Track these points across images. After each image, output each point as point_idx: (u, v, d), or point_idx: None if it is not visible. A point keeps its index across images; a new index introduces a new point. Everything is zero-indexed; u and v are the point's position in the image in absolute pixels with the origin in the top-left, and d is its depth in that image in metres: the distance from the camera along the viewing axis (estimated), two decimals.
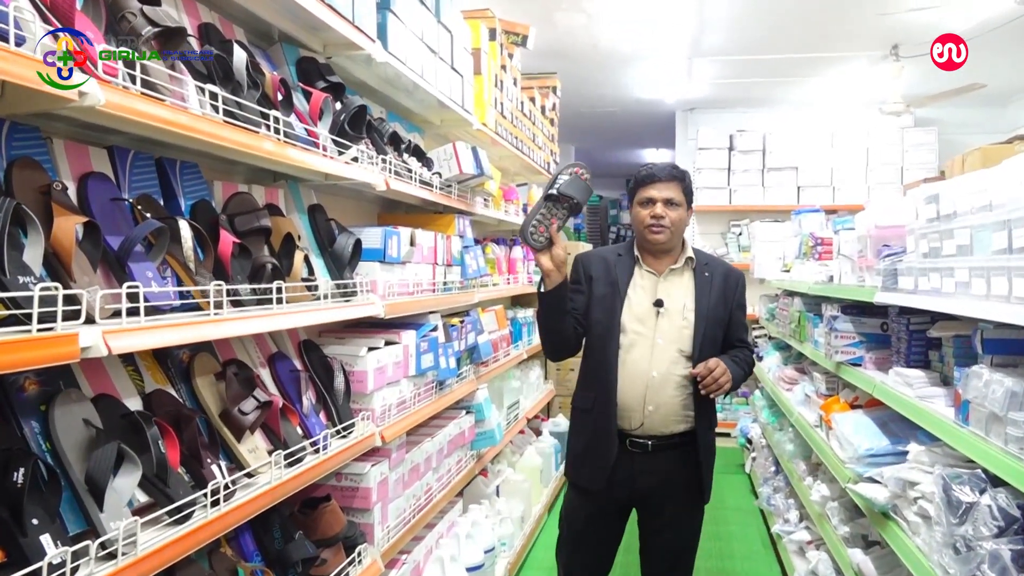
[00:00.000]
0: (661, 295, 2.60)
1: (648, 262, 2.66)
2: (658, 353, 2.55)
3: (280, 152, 1.93)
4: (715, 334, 2.61)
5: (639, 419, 2.56)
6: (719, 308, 2.62)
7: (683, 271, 2.66)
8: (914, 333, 2.68)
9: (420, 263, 2.97)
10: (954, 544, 1.75)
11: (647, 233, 2.59)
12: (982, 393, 1.84)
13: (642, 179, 2.63)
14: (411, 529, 2.85)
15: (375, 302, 2.51)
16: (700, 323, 2.57)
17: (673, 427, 2.57)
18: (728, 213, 7.86)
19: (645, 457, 2.58)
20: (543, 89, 5.80)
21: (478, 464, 3.81)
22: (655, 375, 2.54)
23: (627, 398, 2.55)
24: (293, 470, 1.98)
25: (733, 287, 2.69)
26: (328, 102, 2.27)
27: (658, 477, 2.60)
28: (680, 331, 2.57)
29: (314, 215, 2.46)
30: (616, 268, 2.66)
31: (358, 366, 2.49)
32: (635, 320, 2.58)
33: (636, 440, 2.58)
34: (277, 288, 1.91)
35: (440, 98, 3.14)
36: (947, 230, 2.17)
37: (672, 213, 2.57)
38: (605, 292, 2.63)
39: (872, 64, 6.25)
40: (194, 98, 1.69)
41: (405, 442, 2.84)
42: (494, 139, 4.12)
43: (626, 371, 2.55)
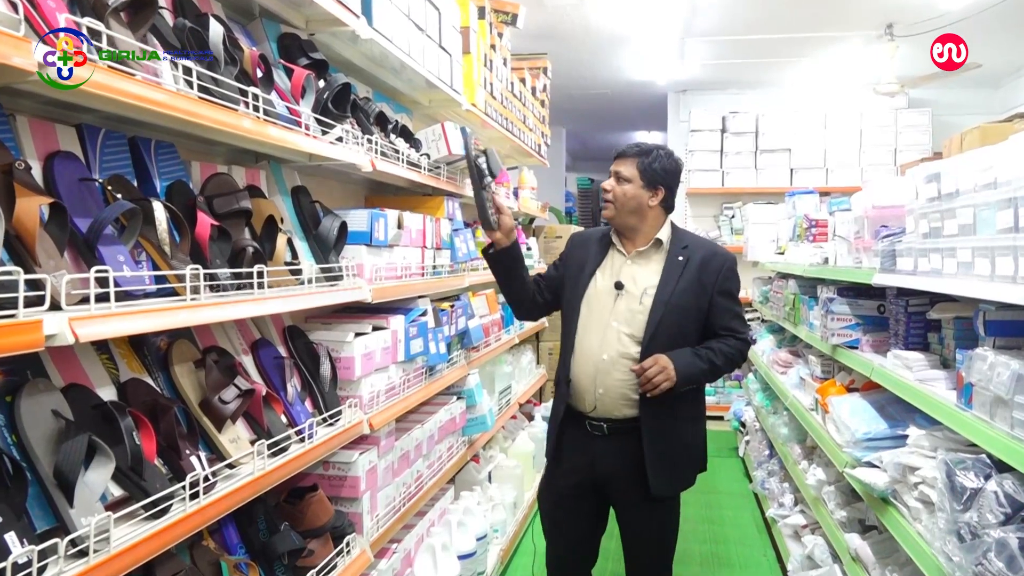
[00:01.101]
0: (624, 277, 2.55)
1: (622, 243, 2.62)
2: (611, 336, 2.50)
3: (260, 131, 1.86)
4: (679, 321, 2.50)
5: (592, 401, 2.53)
6: (688, 295, 2.51)
7: (652, 253, 2.59)
8: (913, 315, 2.63)
9: (408, 246, 2.90)
10: (958, 531, 1.70)
11: None
12: (986, 376, 1.78)
13: (613, 158, 2.64)
14: (401, 518, 2.80)
15: (362, 286, 2.44)
16: (657, 309, 2.48)
17: (624, 411, 2.51)
18: (721, 196, 7.80)
19: (604, 441, 2.55)
20: (534, 70, 5.70)
21: (470, 450, 3.76)
22: (605, 358, 2.49)
23: (580, 379, 2.54)
24: (277, 460, 1.92)
25: (715, 272, 2.55)
26: (311, 79, 2.19)
27: (615, 463, 2.55)
28: (635, 315, 2.50)
29: (298, 197, 2.39)
30: (591, 248, 2.65)
31: (345, 352, 2.43)
32: (596, 301, 2.55)
33: (593, 422, 2.55)
34: (258, 272, 1.84)
35: (428, 77, 3.05)
36: (949, 209, 2.11)
37: (618, 188, 2.54)
38: (576, 271, 2.63)
39: (866, 44, 6.18)
40: (168, 74, 1.61)
41: (394, 429, 2.78)
42: (484, 120, 4.03)
43: (581, 352, 2.54)
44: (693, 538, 4.35)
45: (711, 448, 2.69)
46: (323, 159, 2.34)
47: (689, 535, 4.39)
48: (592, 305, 2.55)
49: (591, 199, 12.74)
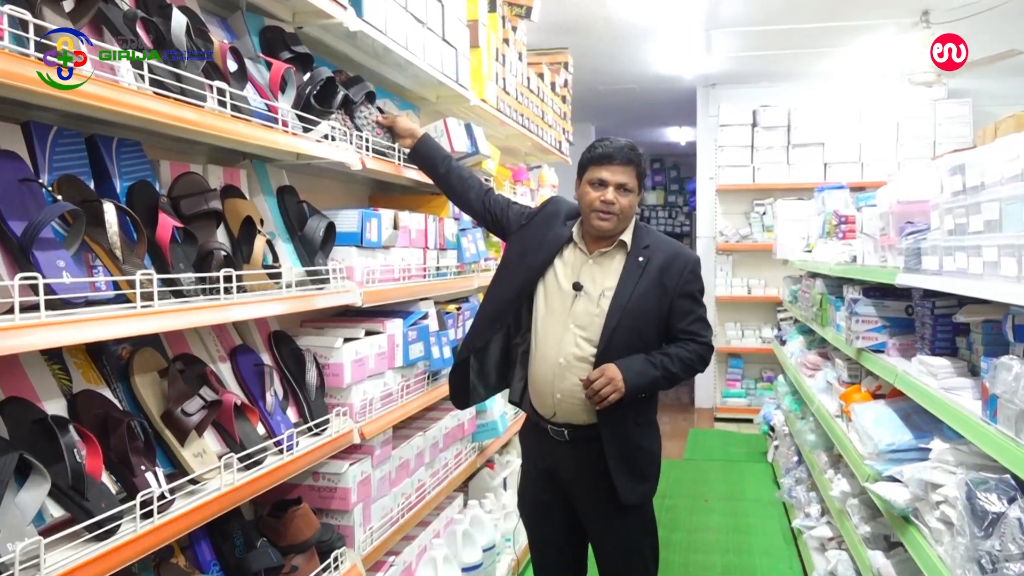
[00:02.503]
0: (583, 278, 2.41)
1: (587, 241, 2.47)
2: (568, 339, 2.39)
3: (227, 128, 1.76)
4: (637, 325, 2.37)
5: (551, 406, 2.43)
6: (648, 298, 2.38)
7: (614, 254, 2.45)
8: (939, 318, 2.46)
9: (408, 247, 2.79)
10: (979, 560, 1.55)
11: (593, 218, 2.38)
12: (1011, 387, 1.62)
13: (598, 157, 2.40)
14: (400, 529, 2.70)
15: (351, 289, 2.34)
16: (615, 312, 2.36)
17: (583, 417, 2.40)
18: (752, 192, 7.59)
19: (566, 447, 2.44)
20: (553, 65, 5.57)
21: (480, 456, 3.64)
22: (561, 361, 2.38)
23: (539, 383, 2.44)
24: (249, 474, 1.82)
25: (677, 273, 2.42)
26: (291, 73, 2.09)
27: (578, 470, 2.45)
28: (592, 318, 2.38)
29: (283, 197, 2.29)
30: (551, 232, 2.49)
31: (333, 358, 2.33)
32: (553, 300, 2.43)
33: (555, 428, 2.45)
34: (226, 277, 1.75)
35: (428, 71, 2.94)
36: (974, 204, 1.94)
37: (623, 200, 2.37)
38: (528, 252, 2.49)
39: (901, 32, 5.93)
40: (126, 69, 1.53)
41: (391, 437, 2.68)
42: (496, 116, 3.92)
43: (539, 354, 2.44)
44: (716, 549, 4.19)
45: (739, 452, 2.56)
46: (310, 157, 2.25)
47: (712, 545, 4.22)
48: (549, 304, 2.44)
49: None
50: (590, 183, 2.40)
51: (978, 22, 5.37)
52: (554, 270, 2.45)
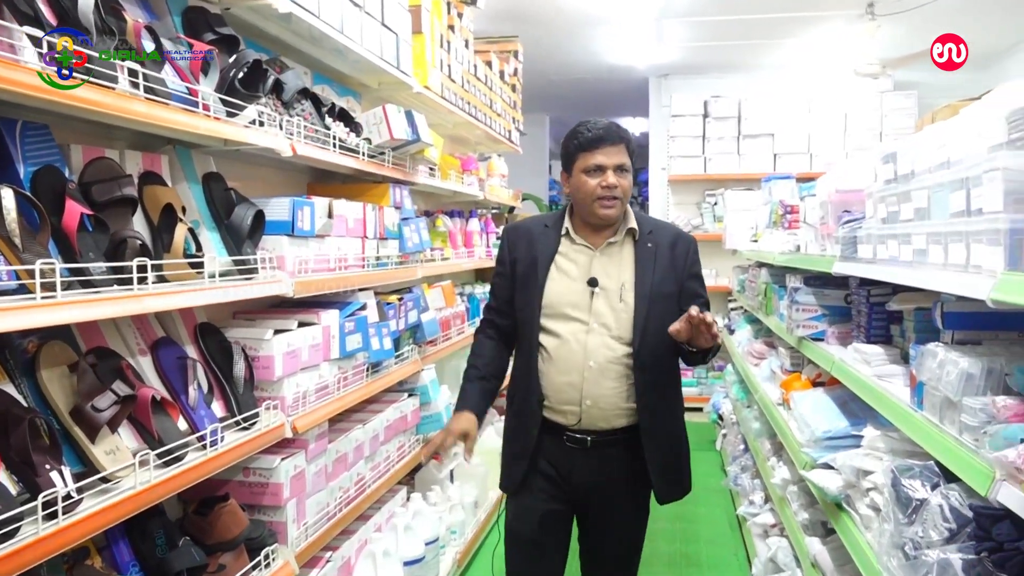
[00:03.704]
0: (596, 272, 2.27)
1: (583, 234, 2.33)
2: (595, 340, 2.24)
3: (142, 111, 1.69)
4: (663, 312, 2.23)
5: (575, 414, 2.27)
6: (667, 283, 2.30)
7: (623, 244, 2.33)
8: (874, 306, 2.47)
9: (345, 236, 2.73)
10: (903, 546, 1.55)
11: (598, 207, 2.24)
12: (936, 375, 1.63)
13: (588, 142, 2.25)
14: (337, 524, 2.64)
15: (282, 280, 2.27)
16: (642, 304, 2.24)
17: (614, 422, 2.28)
18: (703, 182, 7.63)
19: (583, 453, 2.30)
20: (503, 54, 5.52)
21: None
22: (592, 365, 2.23)
23: (562, 392, 2.27)
24: (168, 471, 1.76)
25: (683, 255, 2.35)
26: (213, 55, 2.01)
27: (599, 475, 2.32)
28: (618, 315, 2.25)
29: (209, 184, 2.22)
30: (539, 243, 2.35)
31: (263, 350, 2.26)
32: (567, 303, 2.27)
33: (575, 436, 2.30)
34: (140, 266, 1.67)
35: (366, 56, 2.88)
36: (904, 192, 1.95)
37: (624, 181, 2.25)
38: (527, 272, 2.34)
39: (848, 24, 5.99)
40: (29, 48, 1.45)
41: (327, 431, 2.62)
42: (441, 104, 3.86)
43: (559, 361, 2.26)
44: (662, 537, 4.20)
45: (691, 440, 2.53)
46: (238, 143, 2.18)
47: (659, 534, 4.23)
48: (560, 307, 2.27)
49: None
50: (585, 171, 2.25)
51: (922, 14, 5.44)
52: (558, 269, 2.31)
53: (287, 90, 2.38)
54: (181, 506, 2.23)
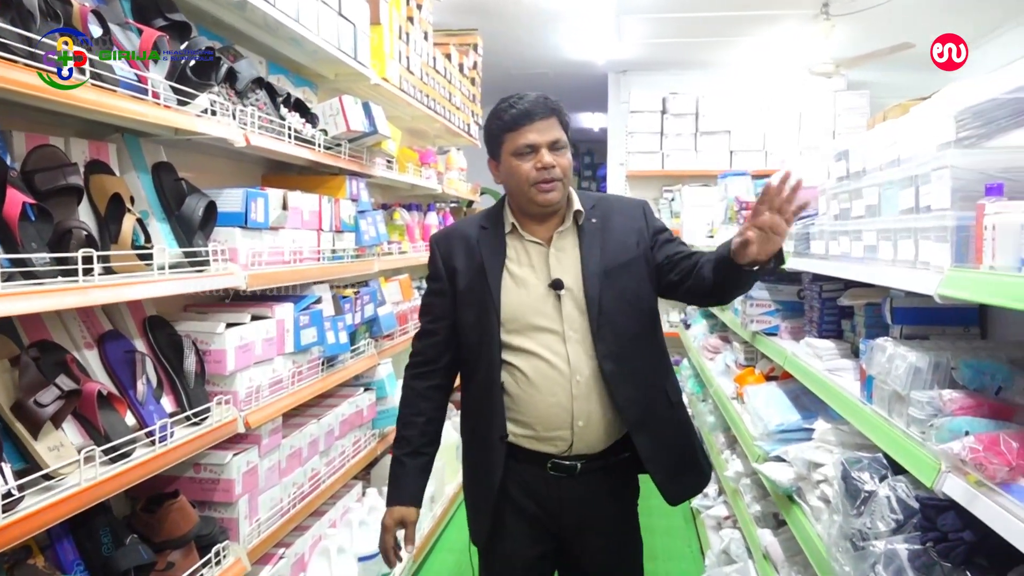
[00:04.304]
0: (557, 271, 1.97)
1: (529, 229, 2.01)
2: (575, 350, 1.94)
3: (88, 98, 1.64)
4: (623, 281, 1.96)
5: (566, 439, 1.96)
6: (621, 256, 1.98)
7: (570, 231, 2.02)
8: (826, 301, 2.51)
9: (300, 229, 2.69)
10: (852, 537, 1.58)
11: (536, 193, 1.92)
12: (885, 368, 1.66)
13: (514, 120, 1.93)
14: (291, 520, 2.61)
15: (234, 272, 2.23)
16: (592, 290, 1.94)
17: (613, 437, 2.00)
18: (661, 178, 7.68)
19: (571, 481, 2.00)
20: (462, 47, 5.50)
21: (382, 443, 3.57)
22: (579, 379, 1.93)
23: (550, 417, 1.95)
24: (114, 468, 1.71)
25: (635, 218, 2.06)
26: (163, 41, 1.96)
27: (590, 503, 2.03)
28: (586, 319, 1.95)
29: (159, 174, 2.17)
30: (480, 247, 2.02)
31: (215, 344, 2.22)
32: (532, 313, 1.95)
33: (564, 463, 1.99)
34: (86, 258, 1.63)
35: (323, 46, 2.84)
36: (856, 189, 1.99)
37: (561, 159, 1.94)
38: (472, 285, 2.00)
39: (803, 24, 6.08)
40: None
41: (280, 426, 2.59)
42: (399, 96, 3.83)
43: (542, 381, 1.94)
44: None
45: None
46: (189, 133, 2.13)
47: None
48: (526, 318, 1.95)
49: None
50: (516, 154, 1.94)
51: (875, 15, 5.55)
52: (512, 275, 1.98)
53: (241, 79, 2.34)
54: (129, 503, 2.18)
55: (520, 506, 2.04)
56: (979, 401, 1.38)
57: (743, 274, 1.79)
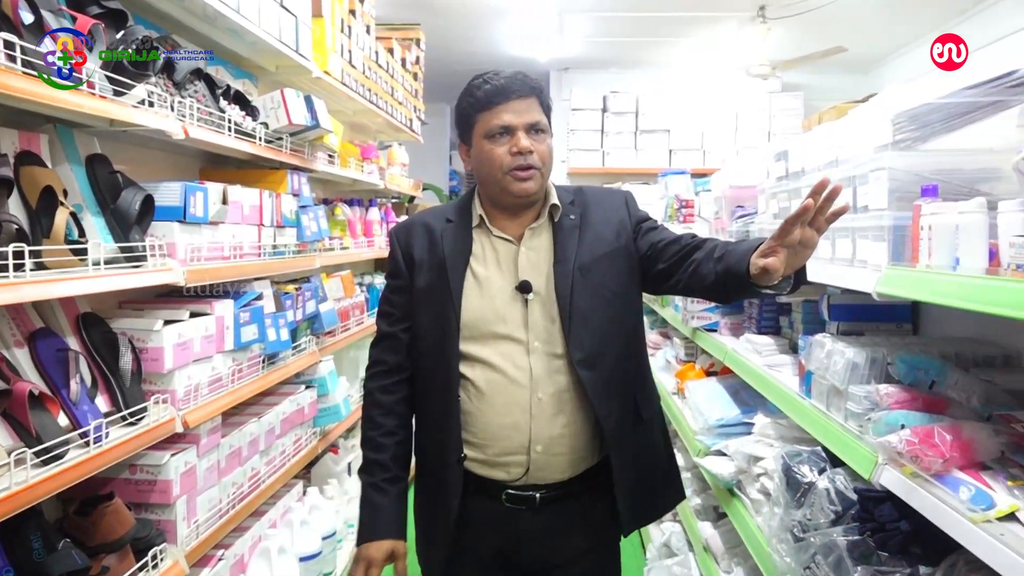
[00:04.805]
0: (526, 272, 1.75)
1: (499, 224, 1.80)
2: (540, 363, 1.71)
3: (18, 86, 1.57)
4: (598, 279, 1.74)
5: (521, 465, 1.73)
6: (599, 253, 1.76)
7: (544, 228, 1.81)
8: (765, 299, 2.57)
9: (240, 224, 2.64)
10: (792, 529, 1.62)
11: (510, 182, 1.71)
12: (824, 364, 1.70)
13: (488, 97, 1.70)
14: (231, 520, 2.56)
15: (173, 268, 2.17)
16: (563, 295, 1.71)
17: (579, 466, 1.76)
18: (602, 176, 7.74)
19: (531, 515, 1.75)
20: (404, 41, 5.45)
21: (323, 442, 3.53)
22: (541, 397, 1.70)
23: (501, 439, 1.72)
24: (46, 470, 1.65)
25: (617, 209, 1.84)
26: (99, 29, 1.90)
27: (555, 539, 1.78)
28: (556, 324, 1.73)
29: (93, 167, 2.10)
30: (444, 241, 1.80)
31: (152, 342, 2.16)
32: (494, 319, 1.73)
33: (518, 494, 1.75)
34: (17, 253, 1.57)
35: (264, 38, 2.78)
36: (795, 189, 2.04)
37: (540, 145, 1.72)
38: (433, 282, 1.79)
39: (740, 26, 6.20)
40: None
41: (220, 425, 2.53)
42: (341, 90, 3.78)
43: (495, 397, 1.71)
44: None
45: None
46: (125, 124, 2.07)
47: None
48: (487, 324, 1.73)
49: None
50: (488, 137, 1.71)
51: (810, 19, 5.70)
52: (475, 275, 1.77)
53: (179, 70, 2.28)
54: (61, 506, 2.11)
55: (479, 539, 1.81)
56: (914, 395, 1.43)
57: (757, 293, 1.56)
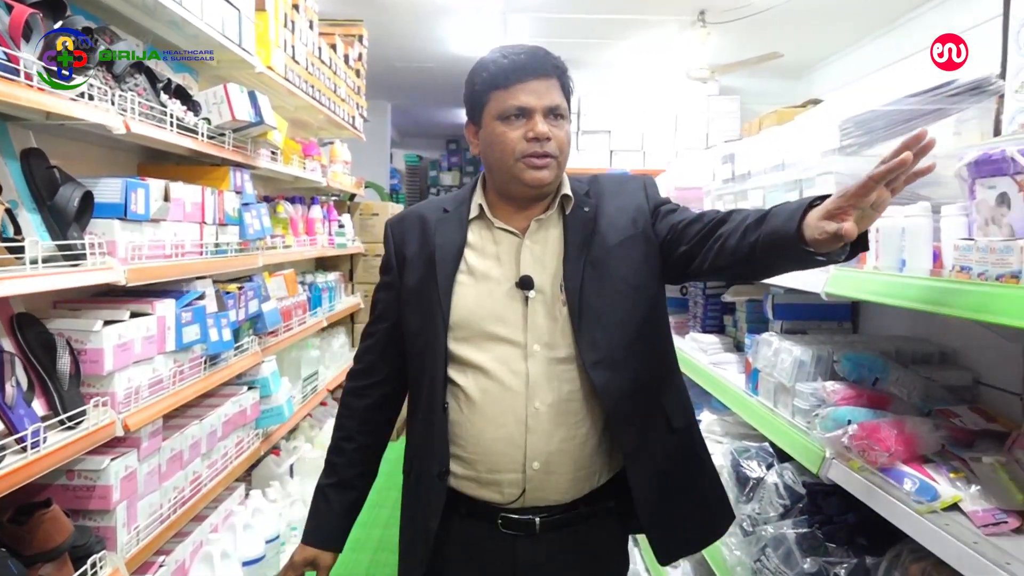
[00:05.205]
0: (528, 267, 1.57)
1: (502, 215, 1.63)
2: (538, 369, 1.54)
3: None
4: (612, 270, 1.56)
5: (516, 485, 1.54)
6: (613, 231, 1.58)
7: (555, 218, 1.63)
8: (710, 298, 2.62)
9: (182, 222, 2.57)
10: (742, 523, 1.65)
11: (522, 170, 1.54)
12: (771, 362, 1.75)
13: (503, 73, 1.53)
14: (172, 526, 2.49)
15: (113, 267, 2.11)
16: (572, 289, 1.54)
17: (575, 489, 1.57)
18: None
19: (531, 543, 1.57)
20: (347, 37, 5.39)
21: (265, 443, 3.47)
22: (539, 407, 1.52)
23: (493, 454, 1.54)
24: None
25: (637, 193, 1.65)
26: (37, 19, 1.83)
27: (556, 571, 1.60)
28: (561, 325, 1.56)
29: (29, 161, 2.02)
30: (436, 234, 1.64)
31: (92, 343, 2.09)
32: (489, 318, 1.56)
33: (515, 518, 1.56)
34: None
35: (206, 30, 2.72)
36: (741, 191, 2.08)
37: (560, 132, 1.55)
38: (422, 277, 1.63)
39: (681, 30, 6.30)
40: None
41: (161, 428, 2.47)
42: (284, 86, 3.72)
43: (487, 407, 1.54)
44: None
45: None
46: (63, 118, 2.00)
47: None
48: (480, 324, 1.56)
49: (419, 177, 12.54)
50: (502, 118, 1.54)
51: (748, 25, 5.82)
52: (470, 269, 1.60)
53: (119, 62, 2.21)
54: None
55: (468, 570, 1.63)
56: (859, 392, 1.48)
57: (808, 262, 1.28)
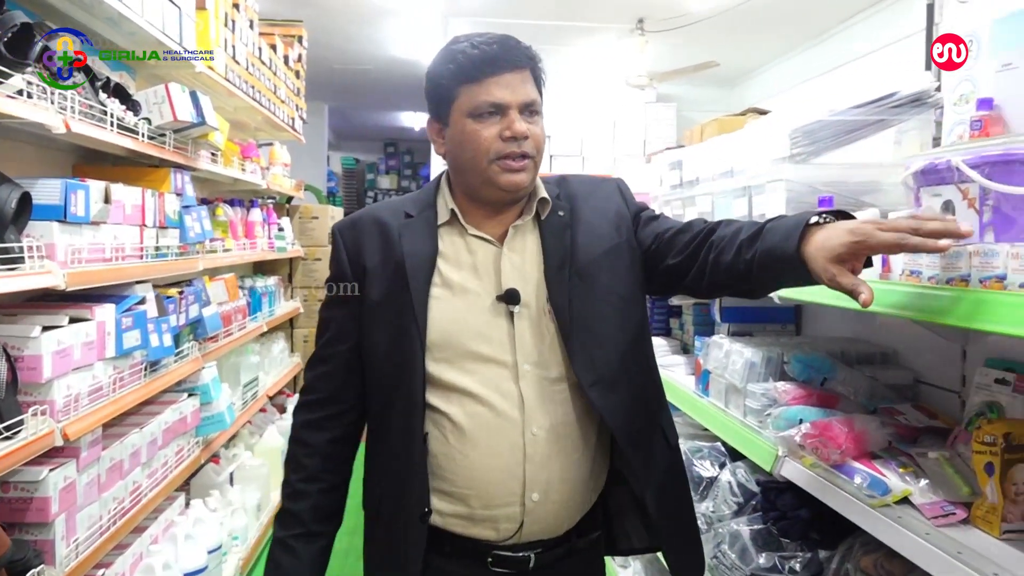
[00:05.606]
0: (510, 279, 1.43)
1: (475, 220, 1.48)
2: (532, 390, 1.40)
3: None
4: (605, 292, 1.44)
5: (514, 520, 1.40)
6: (598, 252, 1.46)
7: (529, 227, 1.50)
8: (656, 301, 2.67)
9: (122, 224, 2.51)
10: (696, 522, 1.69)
11: (497, 173, 1.40)
12: (722, 364, 1.79)
13: (473, 66, 1.39)
14: (111, 538, 2.42)
15: (52, 270, 2.05)
16: (560, 306, 1.42)
17: (573, 517, 1.46)
18: None
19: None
20: (287, 38, 5.32)
21: (206, 451, 3.39)
22: (536, 432, 1.39)
23: (490, 486, 1.39)
24: None
25: (613, 196, 1.55)
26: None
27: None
28: (550, 340, 1.43)
29: None
30: (404, 241, 1.46)
31: (29, 350, 2.02)
32: (473, 335, 1.41)
33: (510, 557, 1.42)
34: None
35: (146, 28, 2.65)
36: (689, 197, 2.13)
37: (536, 129, 1.42)
38: (390, 291, 1.44)
39: (620, 37, 6.40)
40: None
41: (100, 437, 2.39)
42: (224, 86, 3.64)
43: (479, 435, 1.39)
44: None
45: None
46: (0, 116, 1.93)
47: None
48: (463, 342, 1.41)
49: (356, 180, 12.42)
50: (474, 115, 1.39)
51: (685, 34, 5.94)
52: (446, 282, 1.44)
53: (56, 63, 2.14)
54: None
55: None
56: (808, 392, 1.53)
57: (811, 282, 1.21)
